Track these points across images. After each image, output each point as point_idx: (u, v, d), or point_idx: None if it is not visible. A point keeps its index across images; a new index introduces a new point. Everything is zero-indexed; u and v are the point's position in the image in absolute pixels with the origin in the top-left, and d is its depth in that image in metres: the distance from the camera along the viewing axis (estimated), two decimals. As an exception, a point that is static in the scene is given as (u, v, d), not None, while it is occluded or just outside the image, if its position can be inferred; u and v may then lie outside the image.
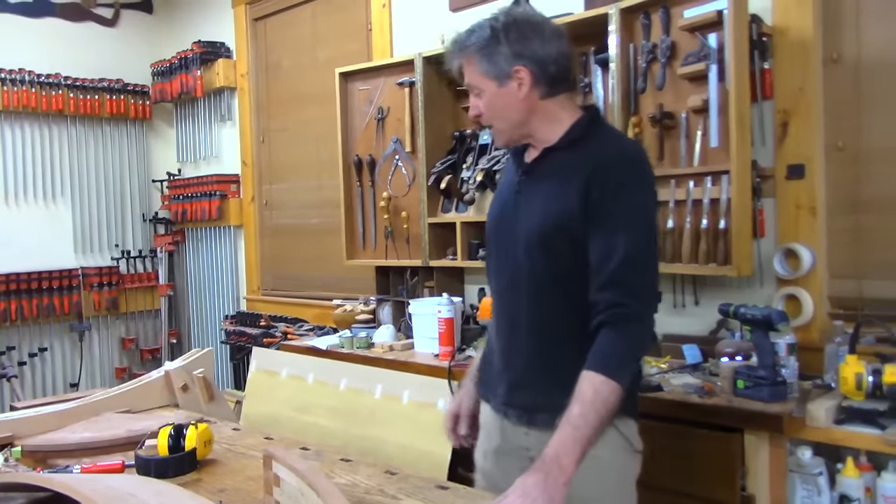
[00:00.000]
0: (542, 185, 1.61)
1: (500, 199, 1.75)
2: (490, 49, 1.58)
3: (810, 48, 2.31)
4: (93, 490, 1.31)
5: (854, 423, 1.87)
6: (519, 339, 1.63)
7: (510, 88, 1.58)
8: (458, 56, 1.63)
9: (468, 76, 1.63)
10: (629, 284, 1.48)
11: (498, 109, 1.62)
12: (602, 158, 1.53)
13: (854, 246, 2.35)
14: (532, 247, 1.58)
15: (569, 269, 1.55)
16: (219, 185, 4.72)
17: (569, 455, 1.35)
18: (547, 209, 1.57)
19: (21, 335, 4.71)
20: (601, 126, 1.65)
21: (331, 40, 4.11)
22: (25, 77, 4.61)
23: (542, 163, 1.63)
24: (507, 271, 1.66)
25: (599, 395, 1.41)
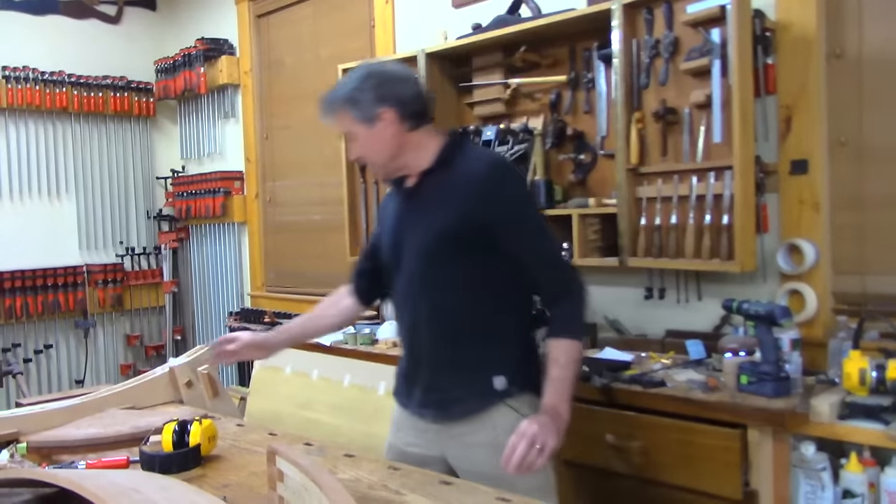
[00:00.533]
0: (426, 204, 1.83)
1: (387, 227, 1.96)
2: (355, 99, 1.81)
3: (813, 44, 2.31)
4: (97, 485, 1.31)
5: (858, 418, 1.86)
6: (425, 344, 1.86)
7: (378, 128, 1.80)
8: (331, 112, 1.86)
9: (342, 127, 1.86)
10: (560, 271, 1.83)
11: (372, 148, 1.84)
12: (479, 175, 1.77)
13: (858, 241, 2.35)
14: (427, 258, 1.81)
15: (463, 272, 1.78)
16: (223, 182, 4.73)
17: (562, 403, 1.72)
18: (436, 222, 1.79)
19: (26, 332, 4.73)
20: (466, 145, 1.90)
21: (334, 37, 4.11)
22: (29, 75, 4.62)
23: (421, 187, 1.86)
24: (406, 286, 1.87)
25: (569, 354, 1.76)
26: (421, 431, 1.88)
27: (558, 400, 1.71)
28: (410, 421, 1.91)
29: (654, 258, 2.51)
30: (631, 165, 2.53)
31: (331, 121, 1.87)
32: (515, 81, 2.93)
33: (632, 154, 2.52)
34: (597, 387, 2.20)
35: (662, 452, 2.09)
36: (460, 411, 1.79)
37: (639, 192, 2.55)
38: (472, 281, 1.78)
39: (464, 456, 1.81)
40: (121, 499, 1.25)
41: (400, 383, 1.98)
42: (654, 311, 2.72)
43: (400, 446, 1.93)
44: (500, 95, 2.99)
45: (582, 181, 2.83)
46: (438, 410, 1.83)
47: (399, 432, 1.96)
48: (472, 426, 1.79)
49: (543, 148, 2.85)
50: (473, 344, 1.80)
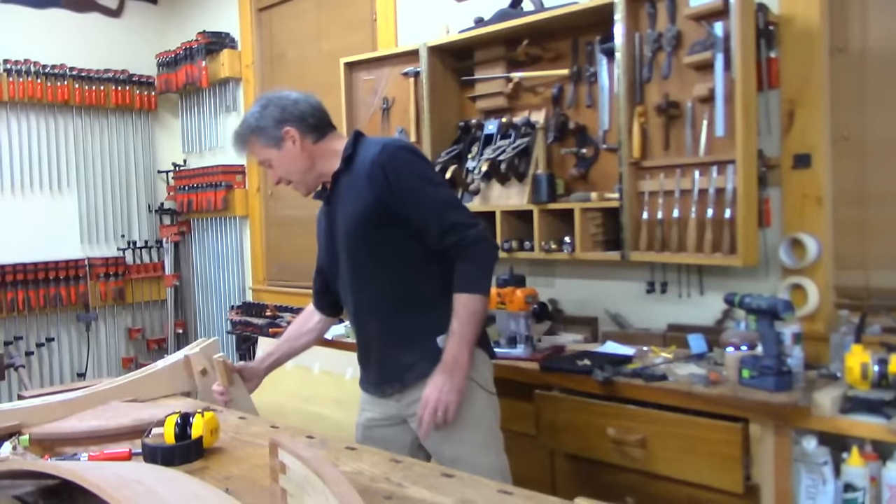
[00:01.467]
0: (341, 201, 1.99)
1: (320, 231, 2.13)
2: (259, 127, 1.99)
3: (817, 37, 2.30)
4: (100, 477, 1.32)
5: (859, 412, 1.86)
6: (370, 325, 2.02)
7: (287, 148, 1.99)
8: (242, 145, 2.04)
9: (255, 155, 2.05)
10: (456, 223, 1.91)
11: (287, 167, 2.02)
12: (371, 156, 1.92)
13: (860, 236, 2.34)
14: (351, 246, 1.97)
15: (385, 252, 1.94)
16: (224, 175, 4.73)
17: (462, 354, 1.87)
18: (350, 212, 1.95)
19: (28, 325, 4.73)
20: (364, 141, 2.03)
21: (335, 31, 4.10)
22: (31, 68, 4.62)
23: (335, 188, 2.03)
24: (345, 279, 2.03)
25: (469, 307, 1.88)
26: (383, 407, 2.06)
27: (458, 351, 1.87)
28: (373, 400, 2.09)
29: (656, 252, 2.50)
30: (633, 159, 2.53)
31: (244, 153, 2.08)
32: (518, 75, 2.93)
33: (634, 148, 2.52)
34: (598, 380, 2.20)
35: (664, 446, 2.10)
36: (413, 376, 1.96)
37: (641, 186, 2.55)
38: (394, 256, 1.95)
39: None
40: (123, 490, 1.25)
41: (361, 369, 2.15)
42: (656, 305, 2.72)
43: (366, 424, 2.10)
44: (502, 89, 2.99)
45: (584, 175, 2.82)
46: (394, 382, 2.01)
47: (364, 412, 2.13)
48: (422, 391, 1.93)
49: (545, 142, 2.85)
50: (411, 313, 1.97)
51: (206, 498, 1.31)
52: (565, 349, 2.61)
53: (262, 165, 2.08)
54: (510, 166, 2.85)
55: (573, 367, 2.33)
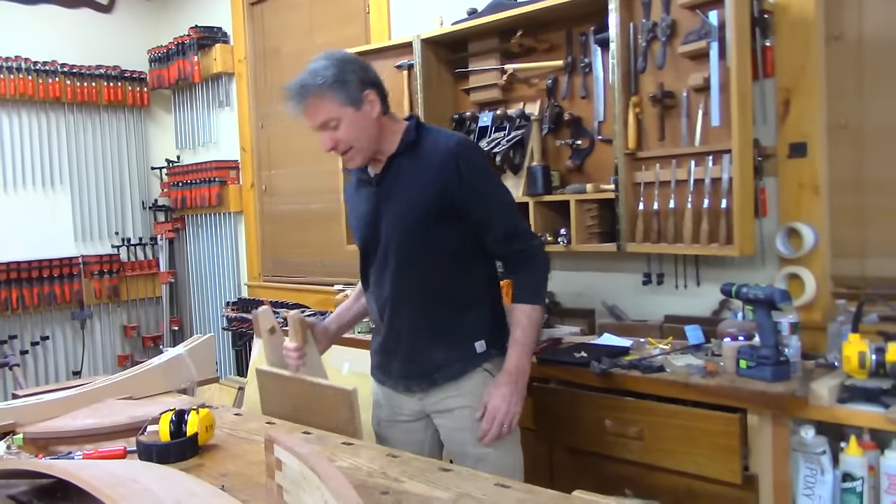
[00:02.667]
0: (399, 186, 1.91)
1: (357, 213, 2.03)
2: (342, 81, 1.83)
3: (812, 25, 2.29)
4: (94, 476, 1.31)
5: (857, 401, 1.86)
6: (405, 318, 1.95)
7: (366, 110, 1.86)
8: (311, 99, 1.84)
9: (322, 113, 1.84)
10: (523, 231, 1.95)
11: (358, 131, 1.87)
12: (443, 150, 1.86)
13: (857, 224, 2.34)
14: (403, 233, 1.89)
15: (438, 245, 1.89)
16: (218, 171, 4.71)
17: (526, 364, 1.92)
18: (412, 200, 1.88)
19: (23, 324, 4.71)
20: (426, 128, 1.96)
21: (329, 24, 4.08)
22: (22, 64, 4.59)
23: (389, 171, 1.93)
24: (384, 265, 1.94)
25: (531, 318, 1.92)
26: (402, 402, 2.02)
27: (522, 361, 1.90)
28: (390, 395, 2.04)
29: (653, 243, 2.50)
30: (628, 150, 2.52)
31: (308, 108, 1.85)
32: (512, 67, 2.91)
33: (629, 139, 2.51)
34: (596, 372, 2.19)
35: (662, 438, 2.09)
36: (445, 376, 1.93)
37: (636, 177, 2.54)
38: (447, 253, 1.90)
39: (447, 418, 1.97)
40: (118, 489, 1.24)
41: (377, 361, 2.09)
42: (653, 297, 2.71)
43: (384, 420, 2.07)
44: (496, 81, 2.97)
45: (579, 167, 2.81)
46: (421, 379, 1.96)
47: (379, 409, 2.09)
48: (453, 390, 1.94)
49: (540, 133, 2.84)
50: (452, 311, 1.93)
51: (202, 495, 1.30)
52: (562, 342, 2.60)
53: (320, 127, 1.87)
54: (505, 158, 2.84)
55: (570, 360, 2.33)
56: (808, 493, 1.93)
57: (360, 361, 2.98)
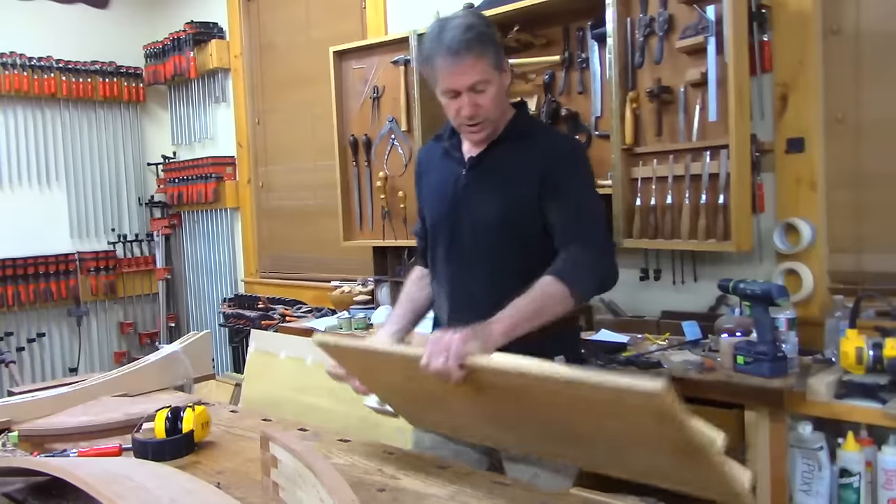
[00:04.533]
0: (494, 174, 1.72)
1: (441, 190, 1.80)
2: (495, 41, 1.65)
3: (810, 20, 2.28)
4: (89, 474, 1.30)
5: (854, 397, 1.86)
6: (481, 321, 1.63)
7: (504, 79, 1.69)
8: (475, 50, 1.60)
9: (480, 72, 1.62)
10: (588, 226, 1.67)
11: (499, 100, 1.69)
12: (553, 151, 1.69)
13: (854, 220, 2.33)
14: (493, 232, 1.69)
15: (529, 249, 1.68)
16: (214, 167, 4.69)
17: (499, 323, 1.49)
18: (506, 196, 1.68)
19: (19, 320, 4.70)
20: (535, 120, 1.81)
21: (325, 19, 4.06)
22: (17, 60, 4.57)
23: (487, 154, 1.73)
24: (462, 258, 1.75)
25: (545, 291, 1.55)
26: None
27: (497, 319, 1.49)
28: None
29: (650, 239, 2.49)
30: (626, 146, 2.51)
31: (466, 64, 1.61)
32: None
33: (626, 134, 2.50)
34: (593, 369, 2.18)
35: (659, 433, 2.09)
36: None
37: (634, 173, 2.53)
38: (535, 259, 1.64)
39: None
40: (113, 486, 1.24)
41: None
42: (650, 293, 2.70)
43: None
44: (493, 76, 2.96)
45: (576, 162, 2.80)
46: None
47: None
48: None
49: (537, 129, 2.83)
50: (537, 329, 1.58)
51: (198, 493, 1.30)
52: (559, 337, 2.59)
53: (468, 89, 1.63)
54: (502, 154, 2.83)
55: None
56: (805, 488, 1.93)
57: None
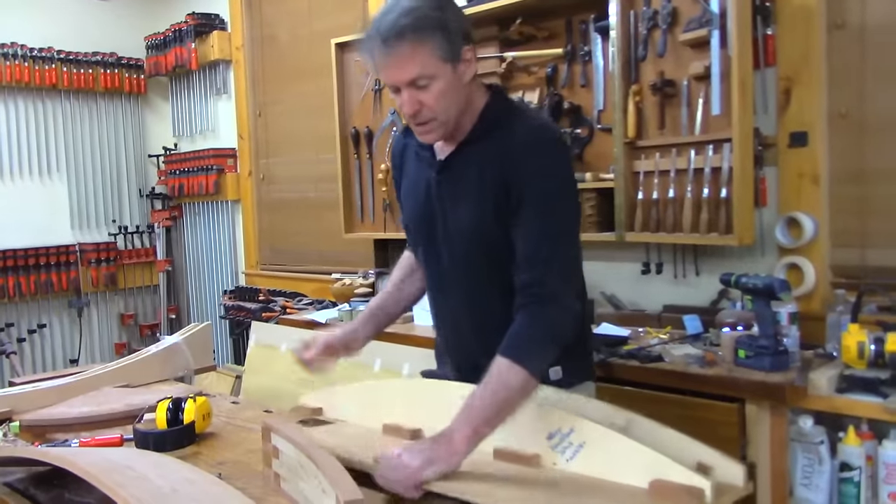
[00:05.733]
0: (463, 182, 1.51)
1: (414, 194, 1.63)
2: (447, 26, 1.39)
3: (814, 14, 2.27)
4: (91, 463, 1.30)
5: (856, 391, 1.86)
6: (462, 338, 1.61)
7: (461, 72, 1.44)
8: (407, 40, 1.37)
9: (419, 65, 1.39)
10: (543, 271, 1.42)
11: (450, 98, 1.44)
12: (517, 140, 1.45)
13: (857, 214, 2.33)
14: (465, 247, 1.52)
15: (503, 263, 1.48)
16: (215, 159, 4.68)
17: (460, 431, 1.31)
18: (475, 208, 1.48)
19: (19, 312, 4.70)
20: (508, 111, 1.53)
21: (326, 11, 4.05)
22: (18, 51, 4.56)
23: (457, 157, 1.52)
24: (436, 268, 1.61)
25: (502, 379, 1.34)
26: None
27: (459, 426, 1.32)
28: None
29: (652, 232, 2.49)
30: (628, 139, 2.51)
31: (398, 57, 1.39)
32: (511, 55, 2.89)
33: (629, 128, 2.49)
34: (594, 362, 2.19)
35: (660, 427, 2.09)
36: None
37: (636, 166, 2.53)
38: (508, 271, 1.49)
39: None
40: (114, 476, 1.24)
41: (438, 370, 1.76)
42: (652, 286, 2.70)
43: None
44: (495, 69, 2.95)
45: (579, 156, 2.80)
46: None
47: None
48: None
49: (540, 122, 2.82)
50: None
51: (199, 483, 1.30)
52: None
53: (407, 85, 1.42)
54: (504, 147, 2.82)
55: (568, 349, 2.32)
56: (805, 482, 1.93)
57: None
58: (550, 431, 1.32)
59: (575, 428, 1.29)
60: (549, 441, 1.31)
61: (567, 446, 1.29)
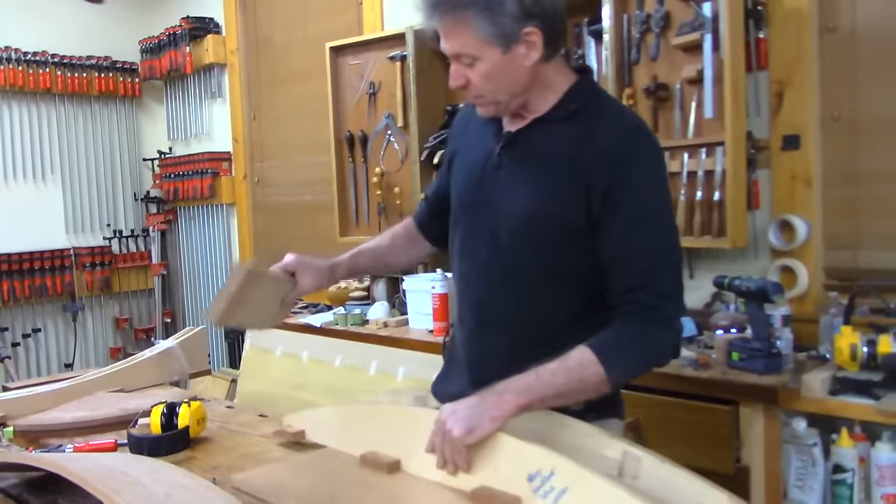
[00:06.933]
0: (530, 162, 1.40)
1: (469, 168, 1.50)
2: (494, 6, 1.28)
3: (806, 17, 2.28)
4: (84, 469, 1.30)
5: (848, 393, 1.87)
6: (487, 335, 1.47)
7: (517, 54, 1.32)
8: (448, 15, 1.31)
9: (459, 43, 1.32)
10: (660, 285, 1.32)
11: (498, 80, 1.34)
12: (608, 143, 1.32)
13: (849, 217, 2.34)
14: (515, 233, 1.39)
15: (556, 263, 1.37)
16: (210, 163, 4.68)
17: (516, 393, 1.23)
18: (536, 192, 1.37)
19: (14, 316, 4.69)
20: (599, 96, 1.43)
21: (321, 15, 4.05)
22: (11, 55, 4.55)
23: (528, 133, 1.41)
24: (478, 256, 1.46)
25: (581, 370, 1.26)
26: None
27: (514, 388, 1.24)
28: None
29: (646, 235, 2.49)
30: (622, 142, 2.51)
31: (442, 27, 1.34)
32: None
33: (623, 131, 2.50)
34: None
35: (654, 429, 2.09)
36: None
37: (630, 170, 2.53)
38: (568, 279, 1.38)
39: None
40: (108, 481, 1.24)
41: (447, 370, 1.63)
42: (646, 289, 2.70)
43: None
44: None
45: (573, 159, 2.80)
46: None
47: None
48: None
49: (534, 125, 2.82)
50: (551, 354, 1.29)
51: (193, 488, 1.30)
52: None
53: (453, 57, 1.36)
54: (498, 150, 2.83)
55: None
56: (799, 484, 1.94)
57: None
58: (530, 473, 1.16)
59: (556, 470, 1.13)
60: (530, 483, 1.16)
61: (549, 491, 1.13)
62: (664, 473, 1.22)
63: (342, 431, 1.54)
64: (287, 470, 1.47)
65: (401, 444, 1.38)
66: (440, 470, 1.28)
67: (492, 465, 1.23)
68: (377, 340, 2.87)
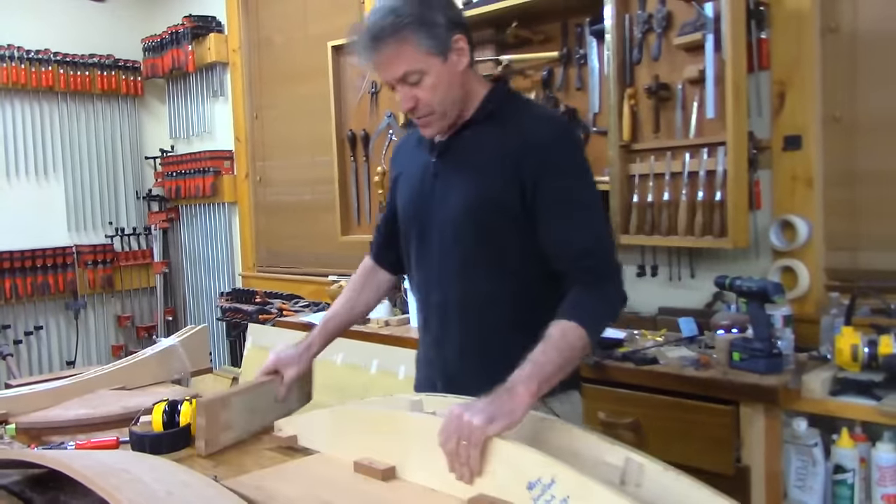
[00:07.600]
0: (464, 163, 1.52)
1: (409, 184, 1.64)
2: (429, 22, 1.42)
3: (808, 18, 2.28)
4: (86, 466, 1.30)
5: (849, 394, 1.87)
6: (451, 330, 1.57)
7: (452, 61, 1.47)
8: (390, 39, 1.42)
9: (405, 62, 1.44)
10: (598, 257, 1.46)
11: (444, 89, 1.47)
12: (532, 136, 1.46)
13: (850, 217, 2.34)
14: (459, 227, 1.51)
15: (500, 249, 1.50)
16: (212, 161, 4.69)
17: (525, 384, 1.27)
18: (474, 187, 1.49)
19: (16, 314, 4.70)
20: (515, 97, 1.59)
21: (323, 14, 4.05)
22: (14, 53, 4.56)
23: (457, 140, 1.54)
24: (431, 259, 1.58)
25: (566, 338, 1.35)
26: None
27: (521, 380, 1.28)
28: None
29: (647, 235, 2.50)
30: (623, 142, 2.51)
31: (385, 57, 1.44)
32: (507, 58, 2.90)
33: (624, 131, 2.50)
34: (589, 364, 2.20)
35: (655, 429, 2.10)
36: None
37: (631, 170, 2.54)
38: (513, 262, 1.50)
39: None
40: (109, 478, 1.24)
41: (422, 376, 1.72)
42: (647, 289, 2.71)
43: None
44: (491, 72, 2.95)
45: (574, 158, 2.81)
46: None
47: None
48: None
49: (535, 125, 2.83)
50: (509, 334, 1.47)
51: (194, 486, 1.30)
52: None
53: (399, 82, 1.47)
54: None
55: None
56: (799, 484, 1.94)
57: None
58: (530, 481, 1.14)
59: (557, 478, 1.10)
60: (530, 492, 1.14)
61: (549, 500, 1.10)
62: (668, 481, 1.20)
63: (335, 436, 1.50)
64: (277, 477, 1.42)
65: (396, 449, 1.35)
66: (436, 477, 1.25)
67: (489, 471, 1.20)
68: (378, 339, 2.88)
